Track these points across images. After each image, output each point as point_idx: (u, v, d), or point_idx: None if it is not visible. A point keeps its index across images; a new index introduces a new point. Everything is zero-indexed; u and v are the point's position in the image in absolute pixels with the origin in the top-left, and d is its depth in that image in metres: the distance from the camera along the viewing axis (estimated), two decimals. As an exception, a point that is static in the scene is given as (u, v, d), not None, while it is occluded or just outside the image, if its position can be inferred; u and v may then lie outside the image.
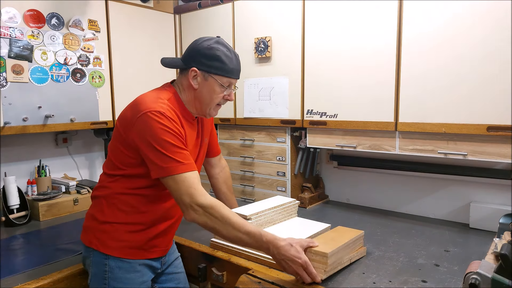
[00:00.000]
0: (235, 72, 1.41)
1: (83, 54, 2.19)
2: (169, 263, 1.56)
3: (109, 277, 1.34)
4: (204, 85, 1.39)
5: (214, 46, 1.36)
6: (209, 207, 1.24)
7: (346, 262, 1.43)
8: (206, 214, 1.24)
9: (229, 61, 1.37)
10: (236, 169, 2.49)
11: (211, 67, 1.36)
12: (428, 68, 1.65)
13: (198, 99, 1.41)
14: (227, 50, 1.38)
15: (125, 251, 1.36)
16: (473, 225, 1.86)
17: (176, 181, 1.24)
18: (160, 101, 1.32)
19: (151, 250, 1.42)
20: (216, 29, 2.44)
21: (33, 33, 1.96)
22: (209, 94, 1.39)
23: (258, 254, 1.50)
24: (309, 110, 2.05)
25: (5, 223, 2.01)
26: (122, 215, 1.36)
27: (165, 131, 1.25)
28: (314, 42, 2.00)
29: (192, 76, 1.38)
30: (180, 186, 1.24)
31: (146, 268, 1.42)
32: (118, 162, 1.37)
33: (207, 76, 1.37)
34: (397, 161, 2.14)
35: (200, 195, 1.24)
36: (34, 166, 2.33)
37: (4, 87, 1.87)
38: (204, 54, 1.36)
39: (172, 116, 1.29)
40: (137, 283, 1.38)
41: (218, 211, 1.25)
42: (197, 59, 1.37)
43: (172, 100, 1.37)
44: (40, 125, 2.01)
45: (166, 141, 1.25)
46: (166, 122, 1.26)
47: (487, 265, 1.07)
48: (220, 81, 1.38)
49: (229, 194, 1.88)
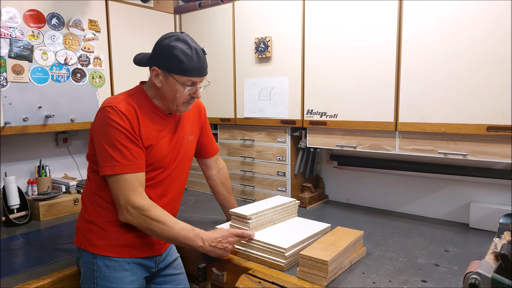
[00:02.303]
0: (195, 71, 1.34)
1: (83, 54, 2.19)
2: (166, 263, 1.54)
3: (97, 276, 1.34)
4: (166, 84, 1.35)
5: (172, 44, 1.31)
6: (143, 209, 1.26)
7: (346, 265, 1.43)
8: (141, 216, 1.26)
9: (188, 59, 1.31)
10: (236, 169, 2.49)
11: (169, 66, 1.32)
12: (428, 68, 1.65)
13: (163, 97, 1.39)
14: (187, 47, 1.32)
15: (112, 249, 1.35)
16: (473, 225, 1.86)
17: (116, 180, 1.26)
18: (120, 97, 1.35)
19: (141, 249, 1.40)
20: (216, 29, 2.44)
21: (33, 33, 1.96)
22: (171, 93, 1.36)
23: (258, 254, 1.51)
24: (309, 110, 2.06)
25: (5, 223, 2.01)
26: (105, 212, 1.36)
27: (114, 127, 1.26)
28: (314, 42, 2.00)
29: (154, 75, 1.36)
30: (118, 186, 1.26)
31: (137, 266, 1.40)
32: (89, 160, 1.40)
33: (167, 75, 1.34)
34: (397, 161, 2.14)
35: (136, 197, 1.26)
36: (34, 166, 2.33)
37: (4, 87, 1.87)
38: (163, 53, 1.32)
39: (126, 111, 1.29)
40: (127, 282, 1.36)
41: (152, 213, 1.27)
42: (157, 58, 1.34)
43: (136, 96, 1.38)
44: (40, 125, 2.01)
45: (114, 138, 1.26)
46: (117, 117, 1.27)
47: (487, 265, 1.06)
48: (180, 81, 1.34)
49: (228, 195, 1.88)
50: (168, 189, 1.47)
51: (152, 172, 1.40)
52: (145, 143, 1.35)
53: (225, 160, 2.54)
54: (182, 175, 1.55)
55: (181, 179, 1.55)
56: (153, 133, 1.38)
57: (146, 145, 1.35)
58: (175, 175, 1.49)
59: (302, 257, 1.34)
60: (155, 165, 1.39)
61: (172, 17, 2.68)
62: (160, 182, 1.43)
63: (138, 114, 1.34)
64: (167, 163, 1.44)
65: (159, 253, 1.49)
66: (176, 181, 1.50)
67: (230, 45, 2.39)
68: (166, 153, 1.42)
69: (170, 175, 1.46)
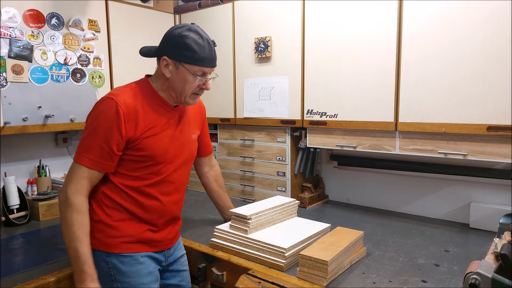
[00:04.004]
0: (207, 61, 1.34)
1: (83, 54, 2.19)
2: (175, 258, 1.54)
3: (114, 273, 1.35)
4: (176, 74, 1.34)
5: (184, 34, 1.30)
6: (70, 203, 1.26)
7: (346, 265, 1.43)
8: (64, 206, 1.26)
9: (200, 49, 1.31)
10: (236, 169, 2.49)
11: (181, 55, 1.31)
12: (428, 68, 1.65)
13: (172, 88, 1.38)
14: (198, 37, 1.32)
15: (125, 246, 1.36)
16: (473, 225, 1.86)
17: (72, 167, 1.30)
18: (122, 89, 1.35)
19: (152, 244, 1.42)
20: (216, 29, 2.44)
21: (33, 33, 1.96)
22: (181, 83, 1.35)
23: (258, 254, 1.51)
24: (309, 110, 2.05)
25: (5, 223, 2.01)
26: (113, 212, 1.36)
27: (105, 120, 1.27)
28: (314, 42, 2.00)
29: (163, 65, 1.34)
30: (69, 172, 1.30)
31: (149, 260, 1.42)
32: None
33: (178, 65, 1.33)
34: (397, 161, 2.14)
35: (75, 189, 1.26)
36: (34, 166, 2.33)
37: (4, 87, 1.87)
38: (174, 42, 1.31)
39: (124, 104, 1.28)
40: (144, 274, 1.38)
41: (72, 211, 1.25)
42: (168, 47, 1.33)
43: (141, 88, 1.37)
44: (40, 125, 2.01)
45: (100, 131, 1.27)
46: (112, 111, 1.27)
47: (487, 265, 1.06)
48: (192, 70, 1.33)
49: (221, 192, 1.88)
50: (173, 186, 1.46)
51: (155, 166, 1.37)
52: (146, 132, 1.33)
53: (225, 160, 2.55)
54: (186, 174, 1.55)
55: (186, 178, 1.54)
56: (156, 122, 1.37)
57: (147, 134, 1.34)
58: (180, 174, 1.47)
59: (302, 257, 1.34)
60: (157, 159, 1.37)
61: (172, 17, 2.68)
62: (164, 179, 1.41)
63: (140, 105, 1.33)
64: (171, 158, 1.42)
65: (168, 248, 1.49)
66: (180, 179, 1.49)
67: (230, 45, 2.39)
68: (168, 145, 1.40)
69: (176, 171, 1.44)
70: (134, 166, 1.35)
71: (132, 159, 1.34)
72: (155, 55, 1.39)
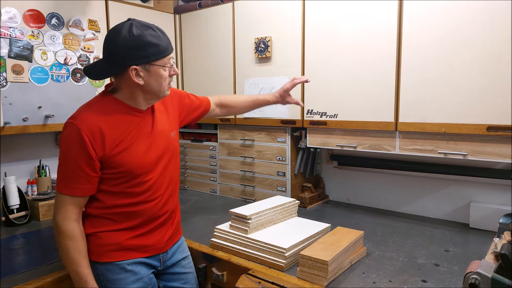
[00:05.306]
0: (169, 47, 1.31)
1: (83, 54, 2.19)
2: (174, 261, 1.52)
3: (103, 280, 1.35)
4: (150, 76, 1.30)
5: (137, 34, 1.23)
6: (61, 230, 1.27)
7: (346, 265, 1.43)
8: (57, 233, 1.28)
9: (159, 39, 1.27)
10: (236, 169, 2.49)
11: (148, 56, 1.26)
12: (428, 68, 1.65)
13: (148, 92, 1.34)
14: (148, 29, 1.26)
15: (109, 254, 1.35)
16: (473, 225, 1.86)
17: (56, 196, 1.30)
18: (84, 108, 1.33)
19: (140, 250, 1.40)
20: (216, 29, 2.44)
21: (33, 33, 1.96)
22: (157, 82, 1.32)
23: (258, 254, 1.51)
24: (309, 110, 2.06)
25: (5, 223, 2.01)
26: (97, 221, 1.35)
27: (74, 148, 1.25)
28: (314, 42, 2.00)
29: (134, 75, 1.28)
30: (55, 200, 1.30)
31: (139, 266, 1.40)
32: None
33: (148, 67, 1.29)
34: (397, 161, 2.14)
35: (63, 216, 1.27)
36: (34, 166, 2.33)
37: (4, 87, 1.87)
38: (133, 46, 1.24)
39: (86, 126, 1.25)
40: (129, 282, 1.37)
41: (65, 238, 1.27)
42: (131, 55, 1.25)
43: (104, 101, 1.34)
44: (40, 125, 2.01)
45: (73, 159, 1.25)
46: (76, 137, 1.24)
47: (487, 265, 1.07)
48: (162, 64, 1.30)
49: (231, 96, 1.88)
50: (163, 187, 1.43)
51: (136, 178, 1.35)
52: (115, 149, 1.30)
53: (225, 160, 2.55)
54: (176, 168, 1.51)
55: (176, 171, 1.51)
56: (124, 135, 1.33)
57: (116, 151, 1.30)
58: (167, 173, 1.45)
59: (302, 257, 1.34)
60: (134, 172, 1.34)
61: (172, 17, 2.68)
62: (150, 187, 1.39)
63: (104, 122, 1.29)
64: (150, 166, 1.38)
65: (163, 251, 1.47)
66: (169, 176, 1.46)
67: (230, 45, 2.39)
68: (143, 155, 1.36)
69: (162, 175, 1.42)
70: (114, 182, 1.33)
71: (111, 177, 1.32)
72: (114, 73, 1.33)
